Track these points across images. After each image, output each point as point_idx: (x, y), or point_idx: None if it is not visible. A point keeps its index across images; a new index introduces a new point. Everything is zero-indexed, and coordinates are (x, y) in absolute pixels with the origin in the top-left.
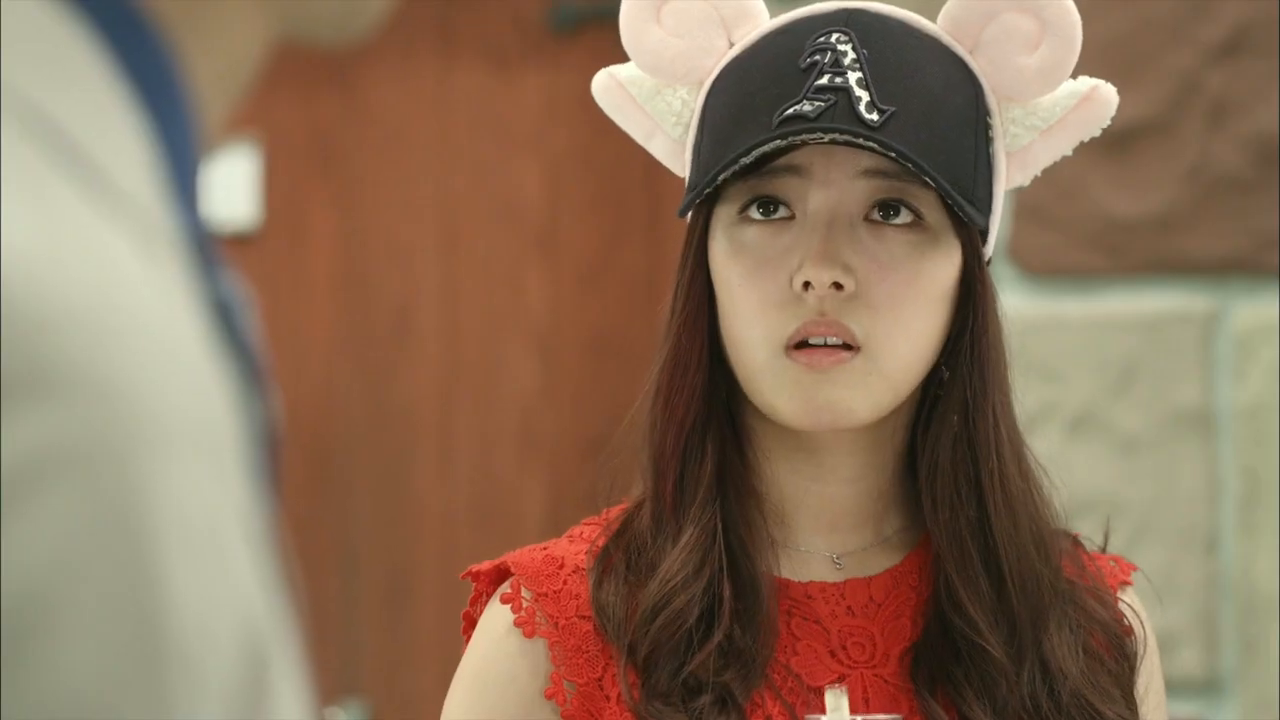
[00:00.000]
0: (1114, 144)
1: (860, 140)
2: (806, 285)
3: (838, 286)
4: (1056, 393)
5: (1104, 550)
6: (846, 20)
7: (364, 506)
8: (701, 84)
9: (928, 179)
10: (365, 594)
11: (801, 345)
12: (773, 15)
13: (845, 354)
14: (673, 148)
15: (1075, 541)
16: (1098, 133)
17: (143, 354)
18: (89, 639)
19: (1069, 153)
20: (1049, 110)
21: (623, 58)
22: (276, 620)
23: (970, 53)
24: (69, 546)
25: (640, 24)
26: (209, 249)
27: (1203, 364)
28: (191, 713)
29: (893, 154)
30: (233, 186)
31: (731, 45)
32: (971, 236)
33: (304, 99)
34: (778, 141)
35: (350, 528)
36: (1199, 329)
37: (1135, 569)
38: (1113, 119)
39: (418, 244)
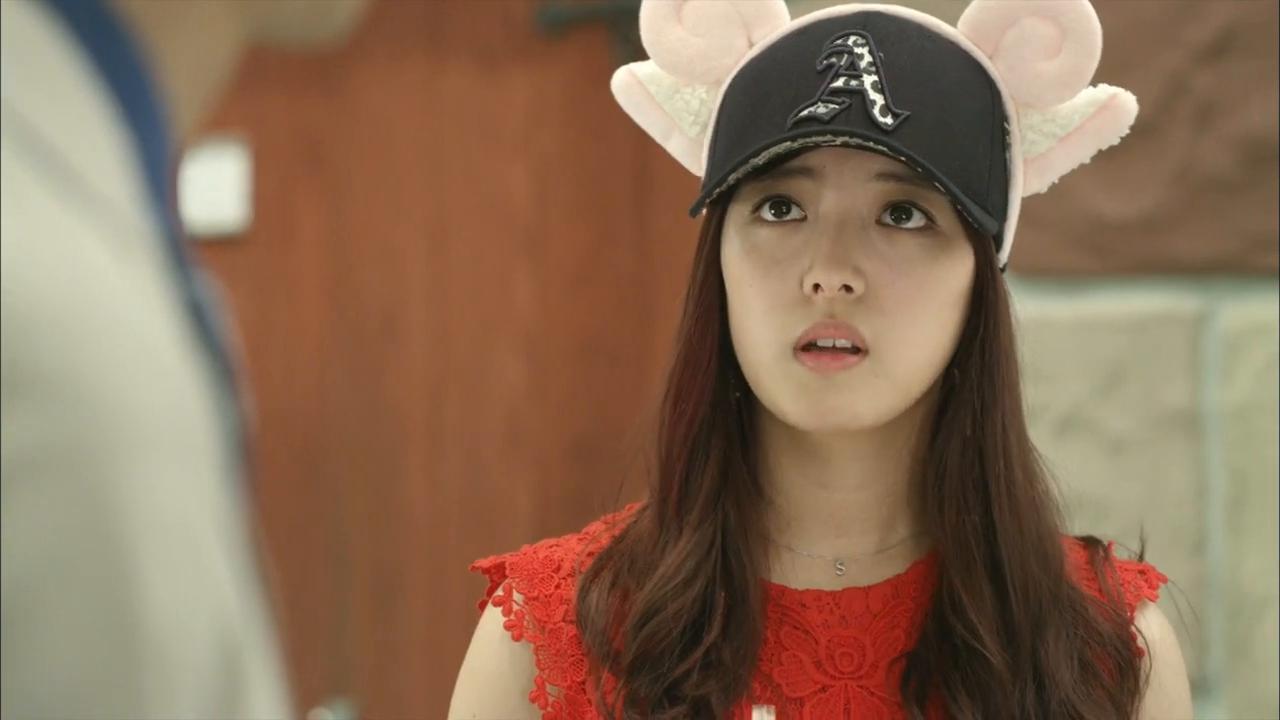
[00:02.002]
0: None
1: (871, 144)
2: (816, 287)
3: (847, 289)
4: (1044, 393)
5: (1141, 558)
6: (864, 23)
7: (353, 507)
8: (720, 83)
9: (938, 184)
10: (354, 595)
11: (809, 347)
12: (793, 17)
13: (852, 358)
14: (690, 146)
15: (1103, 551)
16: (1116, 141)
17: (119, 356)
18: (65, 638)
19: (1087, 160)
20: (1068, 117)
21: (610, 59)
22: (251, 619)
23: (990, 58)
24: (45, 548)
25: (660, 22)
26: (184, 250)
27: (1191, 365)
28: (166, 710)
29: (903, 158)
30: (221, 188)
31: (751, 45)
32: (984, 242)
33: (292, 100)
34: (788, 143)
35: (339, 528)
36: (1187, 330)
37: (1164, 580)
38: None
39: (406, 245)
